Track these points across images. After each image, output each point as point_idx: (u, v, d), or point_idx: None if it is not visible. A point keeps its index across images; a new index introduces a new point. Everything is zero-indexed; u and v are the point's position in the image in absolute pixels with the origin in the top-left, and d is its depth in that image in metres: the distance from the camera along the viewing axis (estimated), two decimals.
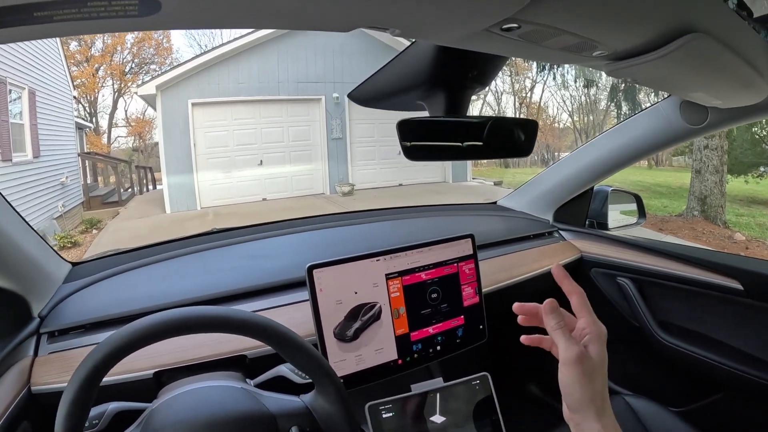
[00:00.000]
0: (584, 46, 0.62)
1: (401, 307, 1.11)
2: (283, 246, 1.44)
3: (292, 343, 0.75)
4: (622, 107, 10.47)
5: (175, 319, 0.68)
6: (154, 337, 0.66)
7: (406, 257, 1.12)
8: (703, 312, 1.46)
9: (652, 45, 0.65)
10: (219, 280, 1.21)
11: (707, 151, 8.40)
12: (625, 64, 0.71)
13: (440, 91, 0.78)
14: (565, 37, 0.58)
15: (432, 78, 0.77)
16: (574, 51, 0.64)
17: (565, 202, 1.82)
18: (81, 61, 24.78)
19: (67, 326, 1.02)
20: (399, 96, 0.86)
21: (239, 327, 0.71)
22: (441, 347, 1.17)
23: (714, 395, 1.45)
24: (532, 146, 0.82)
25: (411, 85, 0.81)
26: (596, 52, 0.66)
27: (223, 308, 0.73)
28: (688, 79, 0.86)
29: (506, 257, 1.56)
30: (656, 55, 0.66)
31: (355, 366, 1.05)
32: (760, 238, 7.71)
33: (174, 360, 0.95)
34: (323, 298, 1.01)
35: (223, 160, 10.94)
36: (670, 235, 7.48)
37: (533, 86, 27.55)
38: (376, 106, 0.91)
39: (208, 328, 0.69)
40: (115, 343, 0.65)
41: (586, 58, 0.69)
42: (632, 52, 0.67)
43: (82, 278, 1.16)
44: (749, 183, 11.56)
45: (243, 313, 0.73)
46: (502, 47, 0.62)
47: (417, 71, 0.78)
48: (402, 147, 0.71)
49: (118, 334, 0.66)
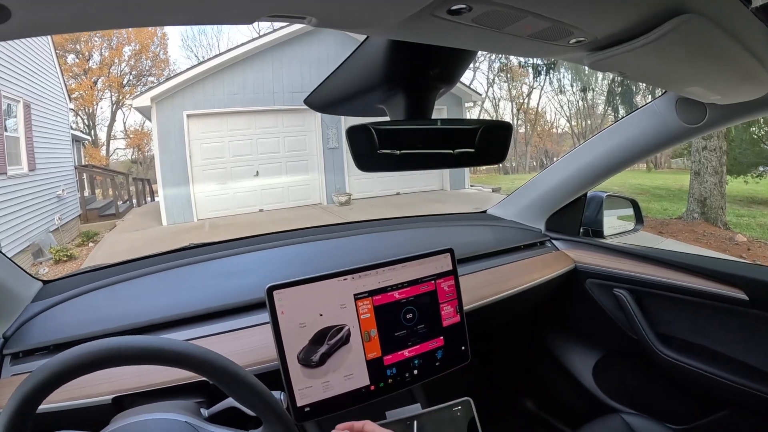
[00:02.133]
0: (557, 32, 0.54)
1: (372, 329, 1.02)
2: (256, 262, 1.36)
3: (232, 377, 0.68)
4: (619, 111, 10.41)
5: (103, 351, 0.62)
6: (82, 370, 0.62)
7: (376, 275, 1.02)
8: (705, 324, 1.38)
9: (638, 29, 0.56)
10: (186, 299, 1.15)
11: (706, 153, 8.36)
12: (608, 53, 0.62)
13: (400, 93, 0.70)
14: (532, 21, 0.49)
15: (390, 78, 0.69)
16: (545, 39, 0.56)
17: (558, 209, 1.74)
18: (79, 74, 24.90)
19: (31, 347, 0.98)
20: (357, 99, 0.77)
21: (173, 359, 0.65)
22: (419, 371, 1.08)
23: (718, 412, 1.37)
24: (505, 152, 0.73)
25: (368, 86, 0.73)
26: (572, 40, 0.57)
27: (156, 339, 0.67)
28: (683, 70, 0.77)
29: (494, 270, 1.48)
30: (643, 40, 0.58)
31: (322, 393, 0.96)
32: (761, 239, 7.62)
33: (136, 384, 0.90)
34: (285, 321, 0.93)
35: (219, 172, 10.91)
36: (670, 239, 7.42)
37: (530, 92, 27.64)
38: (334, 111, 0.83)
39: (139, 360, 0.64)
40: (38, 378, 0.61)
41: (562, 47, 0.61)
42: (615, 38, 0.59)
43: (52, 296, 1.12)
44: (749, 183, 11.56)
45: (178, 344, 0.66)
46: (458, 37, 0.54)
47: (373, 71, 0.70)
48: (353, 157, 0.63)
49: (47, 366, 0.61)
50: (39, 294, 1.14)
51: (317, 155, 11.80)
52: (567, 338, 1.78)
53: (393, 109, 0.72)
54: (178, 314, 1.08)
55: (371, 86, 0.72)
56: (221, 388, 0.68)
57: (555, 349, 1.79)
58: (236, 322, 1.10)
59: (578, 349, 1.74)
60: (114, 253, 7.96)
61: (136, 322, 1.05)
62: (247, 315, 1.12)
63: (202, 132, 10.68)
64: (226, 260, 1.35)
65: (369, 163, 0.65)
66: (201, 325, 1.08)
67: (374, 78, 0.71)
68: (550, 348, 1.81)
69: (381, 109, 0.75)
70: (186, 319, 1.09)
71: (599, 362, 1.68)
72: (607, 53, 0.63)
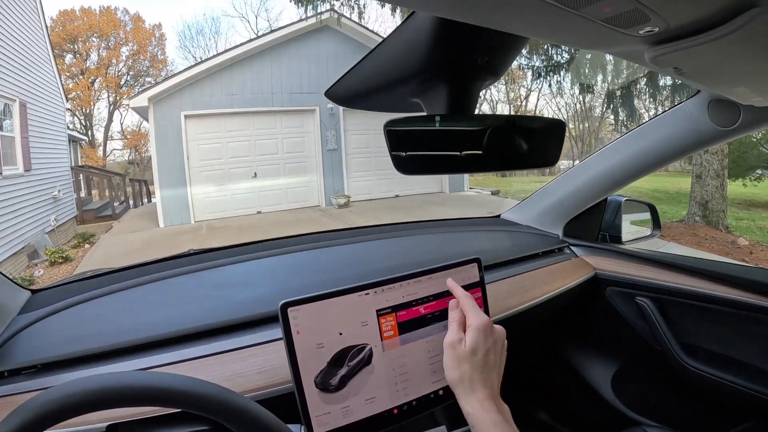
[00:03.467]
0: (634, 17, 0.47)
1: (396, 348, 0.93)
2: (261, 271, 1.26)
3: (248, 418, 0.59)
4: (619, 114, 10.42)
5: (91, 392, 0.54)
6: (66, 413, 0.53)
7: (400, 288, 0.93)
8: (732, 334, 1.32)
9: (711, 21, 0.50)
10: (185, 313, 1.05)
11: (707, 156, 8.37)
12: (672, 47, 0.56)
13: (441, 85, 0.61)
14: (615, 1, 0.42)
15: (431, 67, 0.61)
16: (618, 25, 0.49)
17: (577, 214, 1.67)
18: (76, 74, 24.89)
19: (17, 366, 0.88)
20: (389, 92, 0.69)
21: (180, 401, 0.57)
22: (444, 391, 0.98)
23: (744, 423, 1.32)
24: (559, 154, 0.66)
25: (404, 76, 0.64)
26: (646, 28, 0.50)
27: (165, 376, 0.58)
28: (742, 67, 0.69)
29: (515, 279, 1.40)
30: (715, 34, 0.51)
31: (342, 419, 0.87)
32: (763, 242, 7.64)
33: (132, 411, 0.80)
34: (301, 342, 0.84)
35: (217, 173, 10.88)
36: (672, 242, 7.39)
37: (528, 94, 27.70)
38: (360, 105, 0.74)
39: (136, 402, 0.56)
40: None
41: (629, 38, 0.53)
42: (685, 30, 0.52)
43: (41, 308, 1.02)
44: (747, 186, 11.66)
45: (191, 382, 0.58)
46: (521, 17, 0.46)
47: (412, 58, 0.61)
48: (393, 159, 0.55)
49: (24, 409, 0.52)
50: (27, 305, 1.05)
51: (316, 157, 11.77)
52: (584, 348, 1.72)
53: (431, 103, 0.64)
54: (176, 331, 0.99)
55: (408, 76, 0.64)
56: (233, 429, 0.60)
57: (571, 358, 1.73)
58: (242, 339, 1.00)
59: (596, 359, 1.68)
60: (110, 254, 7.94)
61: (131, 339, 0.95)
62: (253, 331, 1.02)
63: (199, 133, 10.66)
64: (229, 268, 1.25)
65: (416, 168, 0.57)
66: (203, 342, 0.98)
67: (412, 67, 0.62)
68: (566, 358, 1.74)
69: (415, 104, 0.67)
70: (185, 336, 0.99)
71: (618, 373, 1.62)
72: (672, 47, 0.56)
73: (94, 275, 1.21)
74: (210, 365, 0.92)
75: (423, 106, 0.66)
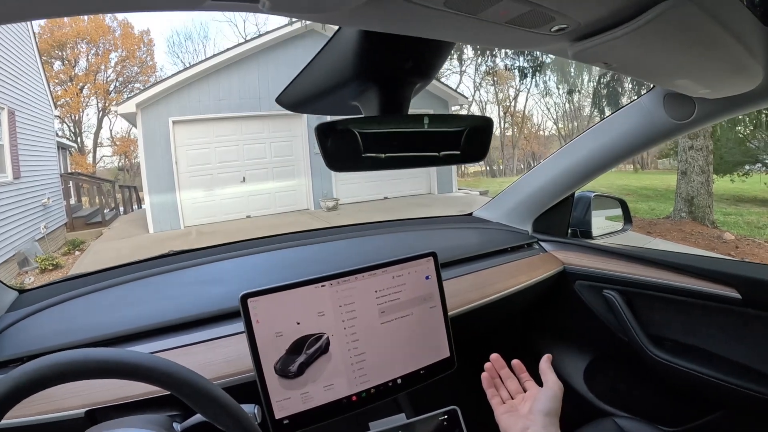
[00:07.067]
0: (536, 17, 0.50)
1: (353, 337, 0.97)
2: (235, 269, 1.32)
3: (195, 390, 0.63)
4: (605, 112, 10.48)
5: (59, 365, 0.58)
6: (39, 386, 0.58)
7: (356, 281, 0.98)
8: (697, 324, 1.35)
9: (622, 15, 0.53)
10: (162, 308, 1.10)
11: (692, 152, 8.42)
12: (591, 42, 0.59)
13: (373, 88, 0.66)
14: (508, 5, 0.46)
15: (362, 73, 0.65)
16: (525, 26, 0.52)
17: (545, 210, 1.71)
18: (65, 81, 24.71)
19: (4, 359, 0.93)
20: (330, 97, 0.73)
21: (132, 372, 0.61)
22: (402, 380, 1.04)
23: (712, 414, 1.35)
24: (486, 150, 0.70)
25: (341, 82, 0.69)
26: (554, 27, 0.54)
27: (116, 351, 0.62)
28: (670, 60, 0.73)
29: (480, 273, 1.44)
30: (628, 28, 0.55)
31: (301, 405, 0.92)
32: (749, 237, 7.69)
33: (108, 397, 0.86)
34: (261, 330, 0.88)
35: (205, 178, 10.84)
36: (659, 238, 7.45)
37: (517, 95, 27.80)
38: (307, 110, 0.79)
39: (97, 374, 0.60)
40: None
41: (545, 36, 0.57)
42: (599, 26, 0.56)
43: (27, 306, 1.08)
44: (735, 182, 11.71)
45: (138, 356, 0.62)
46: (429, 24, 0.50)
47: (345, 66, 0.66)
48: (327, 158, 0.59)
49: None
50: (14, 304, 1.10)
51: (304, 161, 11.74)
52: (557, 342, 1.75)
53: (367, 105, 0.68)
54: (153, 324, 1.04)
55: (343, 82, 0.68)
56: (186, 402, 0.64)
57: (544, 352, 1.75)
58: (213, 331, 1.05)
59: (568, 352, 1.71)
60: (100, 261, 7.86)
61: (110, 332, 1.01)
62: (224, 324, 1.07)
63: (188, 138, 10.61)
64: (205, 267, 1.30)
65: (346, 165, 0.61)
66: (176, 334, 1.04)
67: (346, 73, 0.67)
68: (538, 351, 1.77)
69: (355, 107, 0.71)
70: (161, 328, 1.04)
71: (590, 365, 1.65)
72: (591, 42, 0.60)
73: (79, 275, 1.26)
74: (178, 355, 0.97)
75: (360, 108, 0.71)
